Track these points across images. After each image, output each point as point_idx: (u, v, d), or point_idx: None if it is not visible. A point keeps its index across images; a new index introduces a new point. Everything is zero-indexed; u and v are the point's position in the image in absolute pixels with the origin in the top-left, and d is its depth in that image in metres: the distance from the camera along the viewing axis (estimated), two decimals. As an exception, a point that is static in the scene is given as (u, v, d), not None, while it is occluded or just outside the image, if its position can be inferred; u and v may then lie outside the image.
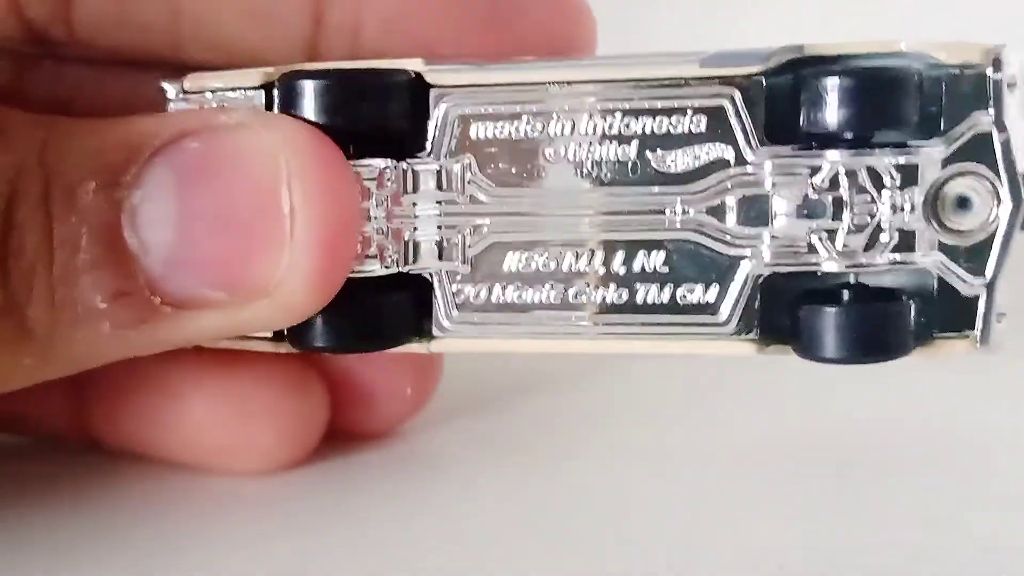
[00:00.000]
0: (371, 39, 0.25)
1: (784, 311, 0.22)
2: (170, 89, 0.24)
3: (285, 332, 0.24)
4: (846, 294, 0.22)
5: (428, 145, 0.23)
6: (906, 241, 0.22)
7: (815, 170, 0.22)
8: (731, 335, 0.23)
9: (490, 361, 0.30)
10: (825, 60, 0.22)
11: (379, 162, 0.23)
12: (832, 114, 0.21)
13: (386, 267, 0.23)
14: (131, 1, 0.24)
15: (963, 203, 0.22)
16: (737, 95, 0.22)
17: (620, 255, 0.23)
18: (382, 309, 0.23)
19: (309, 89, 0.23)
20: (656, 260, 0.23)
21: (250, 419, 0.27)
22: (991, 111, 0.22)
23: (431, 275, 0.24)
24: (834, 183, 0.22)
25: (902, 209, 0.22)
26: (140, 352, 0.23)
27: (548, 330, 0.23)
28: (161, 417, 0.27)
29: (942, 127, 0.22)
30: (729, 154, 0.22)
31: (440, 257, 0.24)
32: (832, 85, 0.21)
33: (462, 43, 0.25)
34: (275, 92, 0.23)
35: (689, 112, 0.22)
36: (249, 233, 0.21)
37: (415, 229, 0.23)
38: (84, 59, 0.26)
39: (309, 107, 0.23)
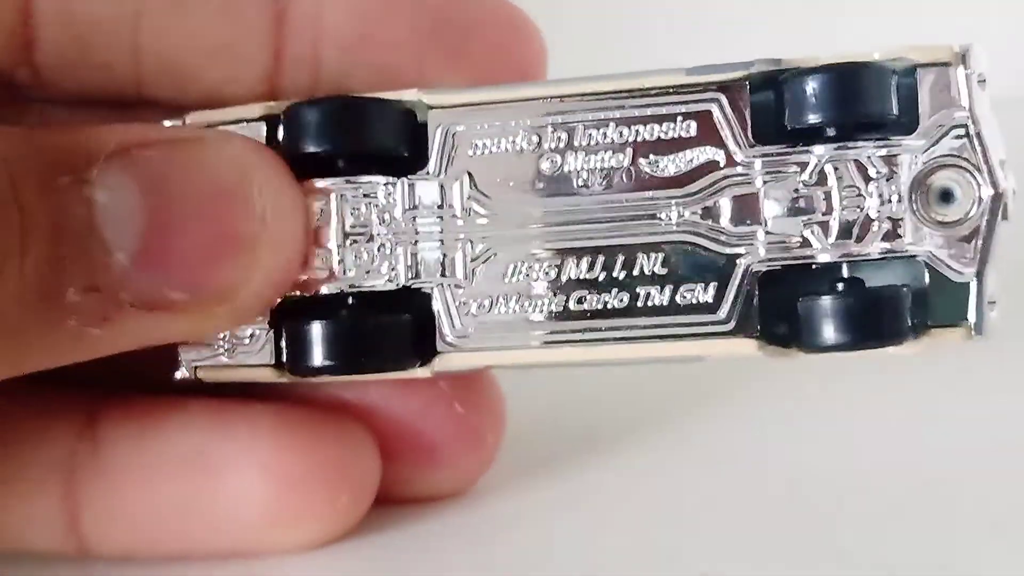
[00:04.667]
0: (331, 71, 0.26)
1: (783, 307, 0.23)
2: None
3: (284, 359, 0.24)
4: (841, 285, 0.23)
5: (428, 163, 0.24)
6: (896, 230, 0.22)
7: (803, 166, 0.23)
8: (731, 332, 0.23)
9: (543, 407, 0.29)
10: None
11: (379, 179, 0.24)
12: (815, 109, 0.22)
13: (389, 281, 0.24)
14: (93, 42, 0.25)
15: (946, 195, 0.23)
16: (724, 99, 0.23)
17: (620, 260, 0.23)
18: (386, 326, 0.24)
19: (315, 115, 0.24)
20: (655, 263, 0.23)
21: (298, 489, 0.25)
22: (965, 105, 0.23)
23: (432, 288, 0.24)
24: (822, 178, 0.23)
25: (889, 200, 0.22)
26: (94, 354, 0.22)
27: (553, 339, 0.24)
28: (185, 499, 0.25)
29: (919, 122, 0.23)
30: (719, 156, 0.23)
31: (442, 272, 0.24)
32: (813, 82, 0.22)
33: (420, 70, 0.25)
34: (280, 123, 0.24)
35: (679, 118, 0.23)
36: (220, 236, 0.22)
37: (416, 243, 0.24)
38: (52, 99, 0.26)
39: (315, 132, 0.24)
